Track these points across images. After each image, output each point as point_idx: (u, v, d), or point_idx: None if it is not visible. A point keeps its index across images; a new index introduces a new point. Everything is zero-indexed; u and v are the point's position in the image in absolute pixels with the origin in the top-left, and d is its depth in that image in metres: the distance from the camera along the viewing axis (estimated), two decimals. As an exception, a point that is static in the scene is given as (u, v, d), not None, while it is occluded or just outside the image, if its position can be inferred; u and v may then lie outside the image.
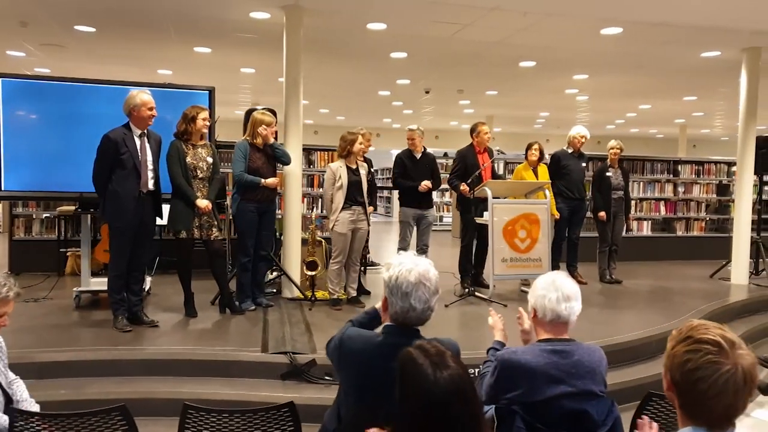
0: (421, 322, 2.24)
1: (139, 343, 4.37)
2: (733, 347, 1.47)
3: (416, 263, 2.24)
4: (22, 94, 5.26)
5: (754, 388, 1.47)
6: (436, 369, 1.61)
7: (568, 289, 2.36)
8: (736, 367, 1.44)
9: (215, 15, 6.26)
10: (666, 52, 7.64)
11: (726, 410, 1.46)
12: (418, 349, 1.71)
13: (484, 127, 6.44)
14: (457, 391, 1.58)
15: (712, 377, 1.44)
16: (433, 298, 2.21)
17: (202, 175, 4.94)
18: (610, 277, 7.27)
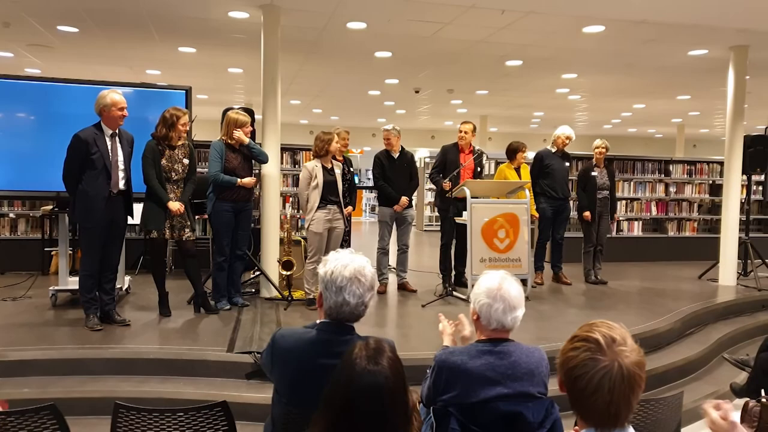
0: (355, 318, 2.23)
1: (107, 342, 4.38)
2: (613, 344, 1.46)
3: (353, 259, 2.23)
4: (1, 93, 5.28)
5: (638, 386, 1.44)
6: (366, 363, 1.61)
7: (513, 299, 2.32)
8: (613, 364, 1.42)
9: (194, 14, 6.26)
10: (652, 51, 7.59)
11: (606, 408, 1.44)
12: (362, 342, 1.72)
13: (463, 126, 6.42)
14: (380, 389, 1.58)
15: (588, 374, 1.43)
16: (368, 294, 2.21)
17: (177, 177, 4.94)
18: (595, 277, 7.23)
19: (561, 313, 5.72)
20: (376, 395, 1.56)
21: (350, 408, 1.55)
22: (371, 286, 2.22)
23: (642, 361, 1.47)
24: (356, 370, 1.58)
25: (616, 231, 9.45)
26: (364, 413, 1.55)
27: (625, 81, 9.93)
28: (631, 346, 1.49)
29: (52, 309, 5.29)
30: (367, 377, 1.57)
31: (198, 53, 8.13)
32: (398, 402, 1.61)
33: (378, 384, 1.57)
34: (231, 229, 5.33)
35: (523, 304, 2.36)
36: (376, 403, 1.56)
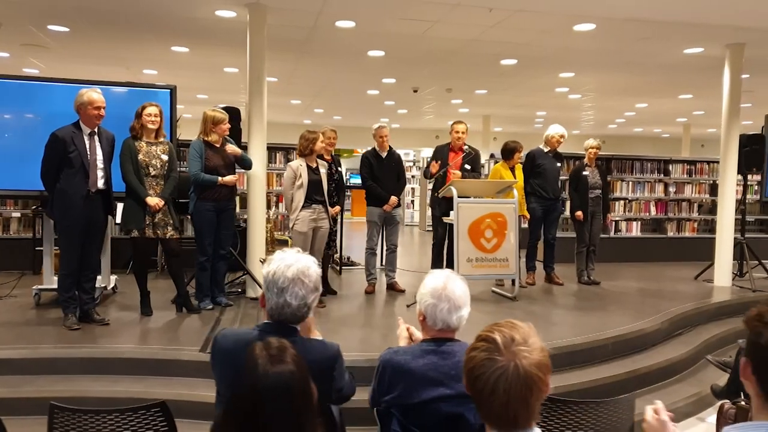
0: (297, 319, 2.20)
1: (83, 341, 4.39)
2: (511, 344, 1.42)
3: (297, 259, 2.20)
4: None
5: (536, 388, 1.39)
6: (268, 363, 1.59)
7: (458, 298, 2.27)
8: (509, 364, 1.39)
9: (182, 13, 6.27)
10: (648, 49, 7.49)
11: (504, 410, 1.40)
12: (263, 342, 1.69)
13: (457, 126, 6.37)
14: (288, 388, 1.55)
15: (485, 375, 1.40)
16: (311, 296, 2.18)
17: (155, 172, 4.93)
18: (588, 278, 7.14)
19: (547, 313, 5.66)
20: (285, 394, 1.54)
21: (259, 410, 1.52)
22: (315, 288, 2.18)
23: (543, 362, 1.42)
24: (259, 372, 1.55)
25: (614, 231, 9.36)
26: (273, 414, 1.52)
27: (625, 80, 9.82)
28: (533, 346, 1.44)
29: (35, 308, 5.32)
30: (272, 378, 1.55)
31: (191, 53, 8.15)
32: (306, 400, 1.59)
33: (285, 383, 1.55)
34: (213, 229, 5.31)
35: (469, 303, 2.32)
36: (285, 403, 1.53)
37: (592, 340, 4.69)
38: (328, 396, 2.26)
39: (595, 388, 4.13)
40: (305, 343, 2.23)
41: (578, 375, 4.33)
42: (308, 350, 2.22)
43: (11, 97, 5.37)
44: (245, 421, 1.54)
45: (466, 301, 2.31)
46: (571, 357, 4.45)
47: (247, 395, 1.55)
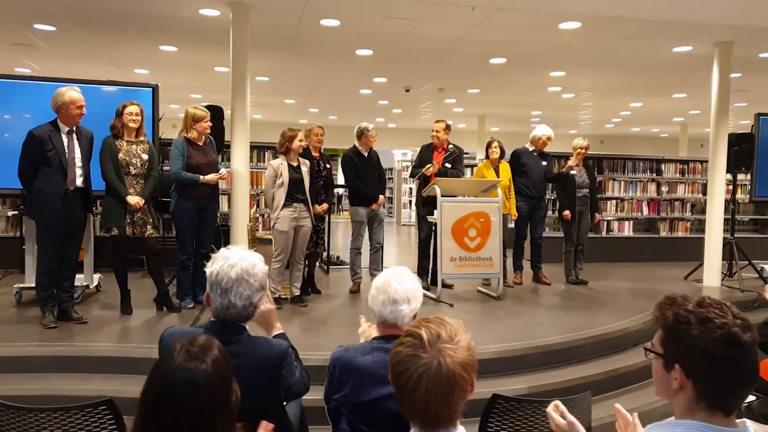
0: (244, 318, 2.18)
1: (59, 339, 4.37)
2: (437, 341, 1.40)
3: (242, 258, 2.18)
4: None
5: (459, 387, 1.38)
6: (186, 359, 1.55)
7: (395, 292, 2.25)
8: (432, 362, 1.37)
9: (166, 12, 6.26)
10: (636, 48, 7.45)
11: (425, 407, 1.38)
12: (190, 340, 1.66)
13: (436, 125, 6.34)
14: (196, 387, 1.51)
15: (408, 371, 1.38)
16: (257, 295, 2.16)
17: (136, 171, 4.92)
18: (576, 277, 7.11)
19: (530, 313, 5.63)
20: (191, 394, 1.48)
21: (160, 406, 1.48)
22: (261, 286, 2.16)
23: (469, 362, 1.41)
24: (173, 366, 1.51)
25: (606, 231, 9.32)
26: (175, 413, 1.47)
27: (617, 79, 9.78)
28: (460, 344, 1.43)
29: (16, 306, 5.32)
30: (183, 373, 1.50)
31: (180, 52, 8.15)
32: (218, 405, 1.53)
33: (194, 381, 1.49)
34: (194, 228, 5.29)
35: (412, 300, 2.28)
36: (190, 403, 1.48)
37: (570, 339, 4.66)
38: (276, 393, 2.24)
39: (571, 388, 4.09)
40: (252, 341, 2.22)
41: (555, 375, 4.31)
42: (254, 348, 2.21)
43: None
44: (147, 419, 1.49)
45: (405, 297, 2.26)
46: (548, 356, 4.43)
47: (152, 388, 1.51)
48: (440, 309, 5.60)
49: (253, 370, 2.15)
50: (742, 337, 1.35)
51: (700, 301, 1.42)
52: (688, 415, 1.42)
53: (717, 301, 1.42)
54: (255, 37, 6.72)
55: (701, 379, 1.37)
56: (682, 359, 1.39)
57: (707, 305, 1.40)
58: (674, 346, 1.40)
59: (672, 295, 1.47)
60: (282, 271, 5.53)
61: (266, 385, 2.19)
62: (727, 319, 1.37)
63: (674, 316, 1.41)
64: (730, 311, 1.39)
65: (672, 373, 1.41)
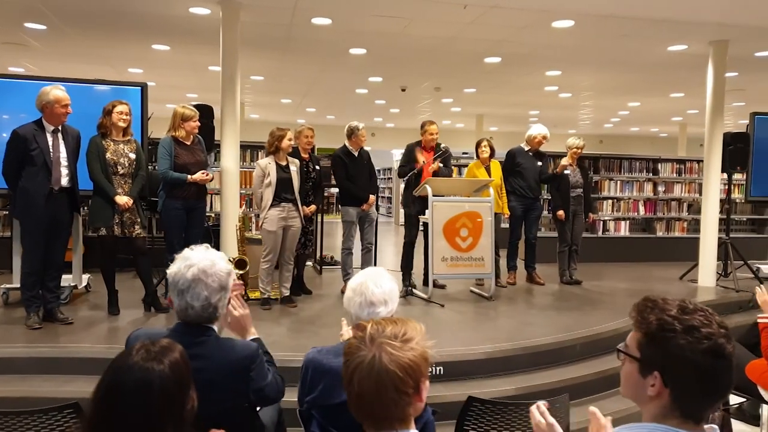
0: (206, 320, 2.13)
1: (42, 340, 4.34)
2: (379, 336, 1.36)
3: (201, 258, 2.14)
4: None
5: (392, 386, 1.32)
6: (143, 359, 1.51)
7: (372, 295, 2.21)
8: (368, 355, 1.34)
9: (156, 11, 6.22)
10: (631, 46, 7.40)
11: (358, 401, 1.35)
12: (152, 341, 1.63)
13: (431, 127, 6.31)
14: (149, 388, 1.47)
15: (347, 362, 1.37)
16: (216, 296, 2.11)
17: (123, 171, 4.88)
18: (570, 277, 7.05)
19: (521, 313, 5.58)
20: (144, 394, 1.45)
21: (112, 404, 1.44)
22: (221, 287, 2.11)
23: (411, 365, 1.35)
24: (129, 363, 1.47)
25: (602, 231, 9.27)
26: (126, 412, 1.44)
27: (612, 78, 9.73)
28: (407, 344, 1.37)
29: (2, 307, 5.28)
30: (138, 373, 1.46)
31: (173, 51, 8.12)
32: (171, 410, 1.49)
33: (149, 382, 1.46)
34: (182, 228, 5.25)
35: (389, 302, 2.24)
36: (142, 404, 1.44)
37: (560, 340, 4.61)
38: (245, 396, 2.20)
39: (560, 390, 4.03)
40: (219, 343, 2.18)
41: (543, 376, 4.26)
42: (220, 350, 2.16)
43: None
44: (100, 412, 1.46)
45: (382, 299, 2.23)
46: (537, 357, 4.38)
47: (105, 384, 1.47)
48: (431, 309, 5.56)
49: (220, 372, 2.12)
50: (726, 348, 1.31)
51: (683, 306, 1.37)
52: (660, 421, 1.38)
53: (700, 307, 1.37)
54: (247, 36, 6.70)
55: (681, 388, 1.33)
56: (662, 367, 1.34)
57: (691, 312, 1.35)
58: (655, 352, 1.35)
59: (652, 297, 1.42)
60: (271, 272, 5.49)
61: (233, 387, 2.15)
62: (713, 328, 1.32)
63: (658, 321, 1.35)
64: (714, 320, 1.35)
65: (649, 379, 1.36)
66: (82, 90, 5.48)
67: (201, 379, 2.09)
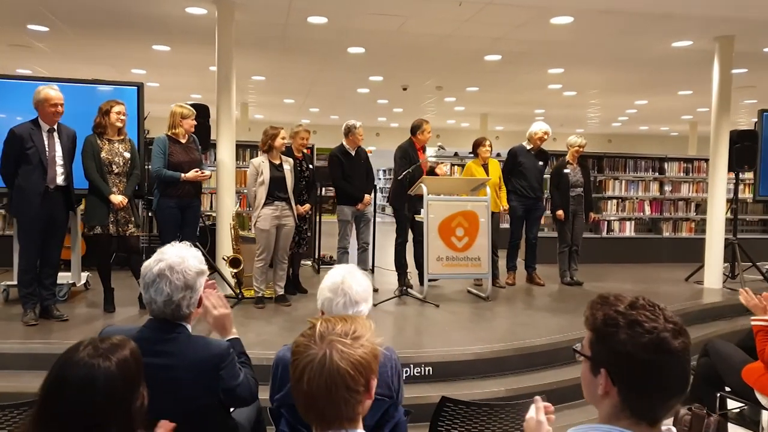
0: (170, 316, 2.11)
1: (36, 337, 4.36)
2: (329, 334, 1.33)
3: (173, 255, 2.13)
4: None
5: (345, 385, 1.30)
6: (90, 355, 1.49)
7: (356, 293, 2.19)
8: (318, 353, 1.31)
9: (153, 11, 6.24)
10: (633, 43, 7.30)
11: (309, 401, 1.31)
12: (102, 336, 1.61)
13: (428, 126, 6.26)
14: (93, 385, 1.45)
15: (296, 361, 1.34)
16: (178, 294, 2.08)
17: (118, 170, 4.91)
18: (571, 278, 6.97)
19: (517, 314, 5.52)
20: (87, 391, 1.42)
21: (56, 399, 1.42)
22: (186, 285, 2.09)
23: (361, 361, 1.33)
24: (75, 359, 1.45)
25: (606, 231, 9.16)
26: (68, 409, 1.41)
27: (617, 76, 9.62)
28: (357, 341, 1.35)
29: (2, 304, 5.32)
30: (83, 369, 1.44)
31: (173, 51, 8.15)
32: (116, 408, 1.46)
33: (92, 379, 1.43)
34: (177, 226, 5.25)
35: (369, 299, 2.23)
36: (84, 401, 1.42)
37: (554, 341, 4.55)
38: (214, 395, 2.17)
39: (552, 391, 3.98)
40: (189, 340, 2.16)
41: (535, 377, 4.21)
42: (190, 348, 2.15)
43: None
44: (44, 407, 1.44)
45: (365, 296, 2.22)
46: (530, 359, 4.33)
47: (50, 379, 1.45)
48: (426, 309, 5.52)
49: (189, 370, 2.10)
50: (671, 343, 1.26)
51: (633, 302, 1.34)
52: (612, 421, 1.34)
53: (651, 303, 1.33)
54: (245, 36, 6.72)
55: (626, 386, 1.29)
56: (608, 364, 1.30)
57: (639, 307, 1.31)
58: (601, 349, 1.32)
59: (605, 294, 1.39)
60: (265, 270, 5.49)
61: (203, 386, 2.13)
62: (658, 323, 1.28)
63: (603, 317, 1.32)
64: (662, 314, 1.30)
65: (598, 377, 1.32)
66: (80, 90, 5.52)
67: (169, 377, 2.09)
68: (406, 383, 3.98)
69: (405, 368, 4.03)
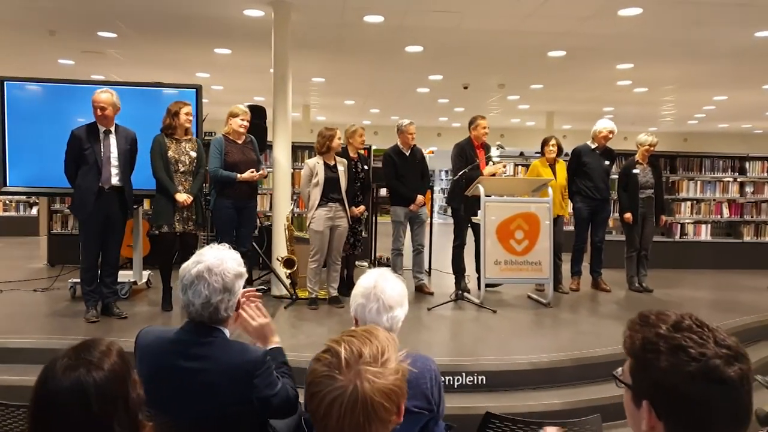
0: (208, 320, 2.06)
1: (94, 333, 4.49)
2: (357, 362, 1.20)
3: (213, 256, 2.08)
4: (25, 95, 5.62)
5: (378, 418, 1.17)
6: (76, 361, 1.38)
7: (390, 297, 2.07)
8: (348, 386, 1.17)
9: (212, 14, 6.35)
10: (709, 34, 6.80)
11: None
12: (86, 343, 1.48)
13: (483, 121, 6.06)
14: (84, 393, 1.34)
15: (320, 394, 1.19)
16: (217, 296, 2.03)
17: (184, 169, 5.01)
18: (639, 285, 6.57)
19: (578, 321, 5.24)
20: (78, 401, 1.33)
21: (44, 414, 1.33)
22: (224, 288, 2.02)
23: (394, 388, 1.20)
24: (59, 367, 1.35)
25: (679, 235, 8.60)
26: (60, 424, 1.33)
27: (692, 70, 9.01)
28: (386, 366, 1.22)
29: (69, 301, 5.53)
30: (68, 378, 1.33)
31: (234, 55, 8.30)
32: (114, 409, 1.37)
33: (82, 387, 1.33)
34: (233, 227, 5.32)
35: (404, 303, 2.10)
36: (78, 412, 1.32)
37: (615, 352, 4.24)
38: (248, 403, 2.10)
39: (610, 406, 3.72)
40: (225, 344, 2.10)
41: (593, 390, 3.94)
42: (225, 353, 2.08)
43: (42, 97, 5.64)
44: (36, 424, 1.35)
45: (399, 301, 2.10)
46: (587, 370, 4.06)
47: (35, 394, 1.36)
48: (482, 315, 5.32)
49: (222, 375, 2.04)
50: (724, 371, 1.05)
51: (678, 321, 1.14)
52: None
53: (700, 323, 1.13)
54: (302, 38, 6.74)
55: (673, 421, 1.09)
56: (650, 396, 1.11)
57: (684, 329, 1.12)
58: (643, 378, 1.13)
59: (646, 312, 1.19)
60: (319, 272, 5.46)
61: (236, 392, 2.06)
62: (707, 347, 1.08)
63: (642, 341, 1.14)
64: (713, 337, 1.10)
65: (641, 410, 1.13)
66: (143, 93, 5.70)
67: (202, 381, 2.04)
68: (457, 392, 3.84)
69: (457, 377, 3.88)
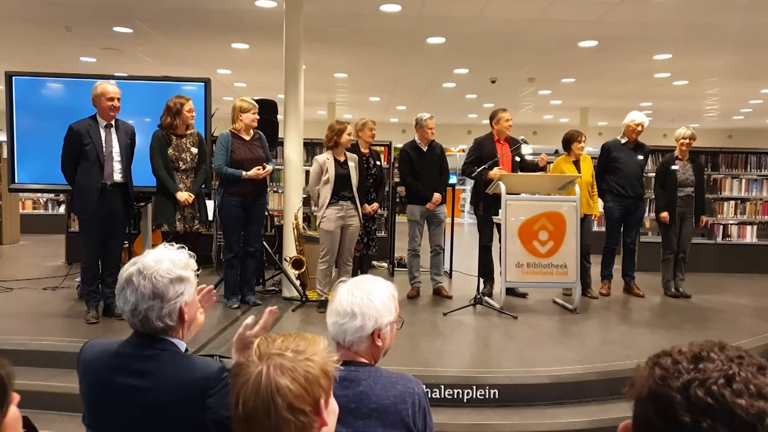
0: (142, 327, 1.79)
1: (93, 335, 4.33)
2: (270, 348, 1.18)
3: (149, 258, 1.80)
4: (33, 91, 5.52)
5: (287, 404, 1.11)
6: None
7: (346, 304, 1.80)
8: (255, 369, 1.15)
9: (224, 7, 6.17)
10: (753, 20, 6.28)
11: (246, 427, 1.14)
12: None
13: (505, 114, 5.71)
14: None
15: (234, 381, 1.19)
16: (145, 303, 1.73)
17: (185, 166, 4.85)
18: (676, 290, 6.11)
19: (606, 329, 4.84)
20: None
21: None
22: (154, 294, 1.74)
23: (305, 374, 1.13)
24: None
25: (721, 236, 8.05)
26: None
27: (738, 61, 8.44)
28: (302, 356, 1.16)
29: (73, 300, 5.42)
30: None
31: (252, 50, 8.12)
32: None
33: None
34: (240, 225, 5.12)
35: (364, 315, 1.81)
36: None
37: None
38: (203, 427, 1.84)
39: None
40: (173, 359, 1.83)
41: (622, 408, 3.55)
42: (173, 368, 1.81)
43: (49, 93, 5.52)
44: None
45: (353, 311, 1.80)
46: (614, 384, 3.66)
47: None
48: (501, 321, 4.97)
49: (171, 393, 1.77)
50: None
51: (696, 355, 0.86)
52: None
53: (733, 357, 0.85)
54: (318, 30, 6.49)
55: None
56: None
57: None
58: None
59: (666, 352, 0.90)
60: (329, 273, 5.20)
61: (187, 414, 1.79)
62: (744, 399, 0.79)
63: (651, 387, 0.86)
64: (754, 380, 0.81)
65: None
66: (152, 87, 5.53)
67: (146, 400, 1.76)
68: (466, 407, 3.52)
69: (467, 390, 3.55)
